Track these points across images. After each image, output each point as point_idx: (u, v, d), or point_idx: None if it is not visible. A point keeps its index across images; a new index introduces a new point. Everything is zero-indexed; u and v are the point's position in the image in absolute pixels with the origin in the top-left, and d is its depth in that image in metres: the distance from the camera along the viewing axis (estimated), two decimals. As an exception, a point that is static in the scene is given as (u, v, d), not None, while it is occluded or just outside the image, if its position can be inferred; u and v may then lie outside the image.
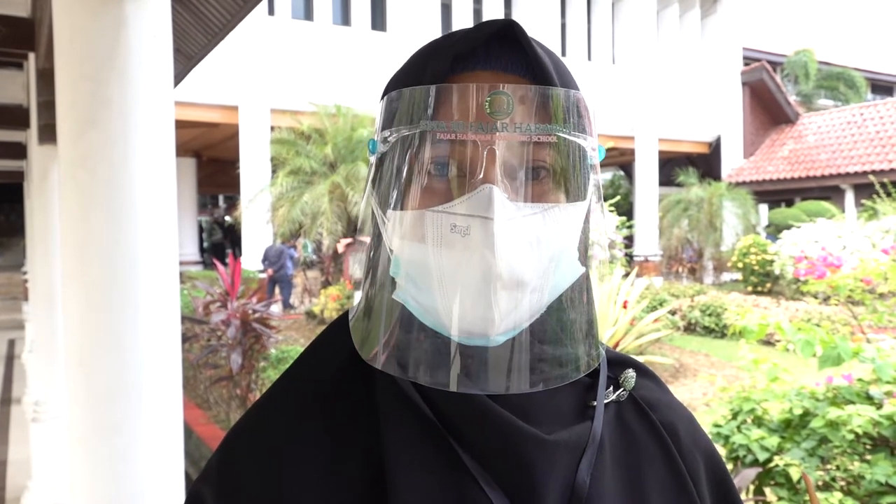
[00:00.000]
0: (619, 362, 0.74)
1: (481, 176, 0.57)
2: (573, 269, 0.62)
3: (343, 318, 0.70)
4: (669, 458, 0.70)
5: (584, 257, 0.64)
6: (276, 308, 8.99)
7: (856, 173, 17.75)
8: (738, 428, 2.95)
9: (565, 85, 0.63)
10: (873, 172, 16.87)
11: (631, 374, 0.72)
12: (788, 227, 15.13)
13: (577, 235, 0.62)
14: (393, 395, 0.63)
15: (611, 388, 0.71)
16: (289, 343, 6.98)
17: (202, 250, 21.49)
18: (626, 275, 8.64)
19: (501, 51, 0.62)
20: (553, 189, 0.60)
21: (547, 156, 0.59)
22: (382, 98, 0.65)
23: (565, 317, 0.62)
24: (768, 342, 7.85)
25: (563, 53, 18.53)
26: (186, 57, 3.34)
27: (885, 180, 15.38)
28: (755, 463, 2.75)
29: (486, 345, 0.58)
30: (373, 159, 0.64)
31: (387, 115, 0.62)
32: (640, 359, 7.27)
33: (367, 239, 0.67)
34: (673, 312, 10.92)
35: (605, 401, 0.69)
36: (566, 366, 0.61)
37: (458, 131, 0.57)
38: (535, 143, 0.58)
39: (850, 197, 18.25)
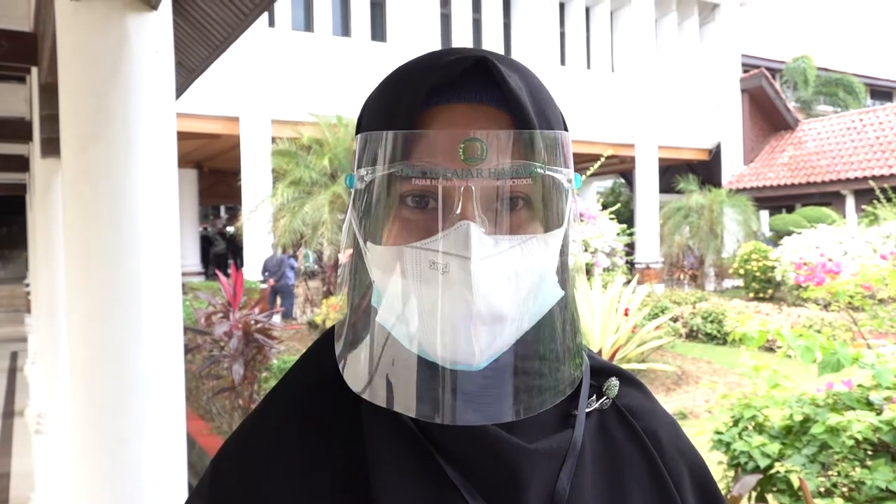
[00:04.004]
0: (602, 371, 0.74)
1: (458, 212, 0.58)
2: (552, 295, 0.63)
3: (328, 335, 0.71)
4: (652, 465, 0.70)
5: (564, 279, 0.65)
6: (277, 318, 9.00)
7: (856, 179, 17.76)
8: (740, 435, 2.96)
9: (542, 114, 0.63)
10: (873, 178, 16.88)
11: (614, 382, 0.73)
12: (789, 234, 15.13)
13: (555, 262, 0.63)
14: (376, 411, 0.64)
15: (594, 397, 0.71)
16: (291, 353, 6.99)
17: (205, 261, 21.52)
18: (628, 282, 8.64)
19: (476, 83, 0.62)
20: (530, 219, 0.61)
21: (523, 190, 0.60)
22: (358, 127, 0.66)
23: (547, 340, 0.63)
24: (770, 348, 7.84)
25: (563, 62, 18.61)
26: (188, 70, 3.37)
27: (886, 185, 15.39)
28: (756, 469, 2.75)
29: (469, 369, 0.59)
30: (353, 192, 0.65)
31: (362, 155, 0.62)
32: (642, 367, 7.29)
33: (347, 263, 0.68)
34: (675, 319, 10.91)
35: (588, 409, 0.70)
36: (550, 389, 0.61)
37: (431, 178, 0.58)
38: (511, 181, 0.59)
39: (850, 202, 18.25)
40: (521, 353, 0.61)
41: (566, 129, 0.67)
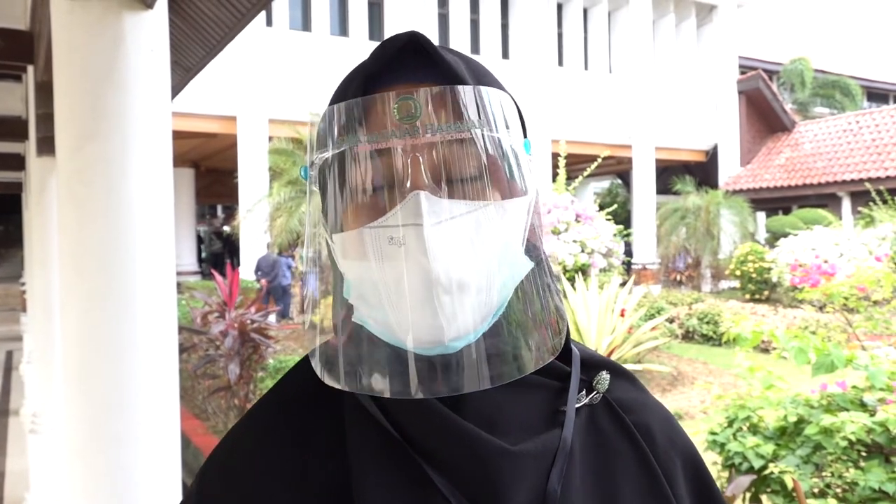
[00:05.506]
0: (593, 364, 0.73)
1: (409, 184, 0.58)
2: (520, 265, 0.62)
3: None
4: (644, 461, 0.69)
5: (533, 251, 0.64)
6: (272, 318, 8.99)
7: (852, 181, 17.81)
8: (734, 435, 2.96)
9: (481, 82, 0.63)
10: (869, 180, 16.93)
11: (605, 376, 0.71)
12: (785, 235, 15.17)
13: (520, 231, 0.62)
14: (358, 416, 0.64)
15: (583, 392, 0.70)
16: (287, 353, 6.98)
17: (200, 260, 21.48)
18: (624, 283, 8.65)
19: (412, 63, 0.63)
20: (484, 187, 0.60)
21: (470, 154, 0.59)
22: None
23: (520, 313, 0.62)
24: (765, 350, 7.86)
25: (560, 63, 18.63)
26: (184, 69, 3.37)
27: (882, 188, 15.45)
28: (750, 470, 2.76)
29: (443, 352, 0.58)
30: (307, 187, 0.65)
31: (311, 144, 0.63)
32: (638, 367, 7.30)
33: (313, 262, 0.68)
34: (671, 320, 10.92)
35: (577, 405, 0.68)
36: (523, 358, 0.61)
37: (371, 143, 0.58)
38: (455, 143, 0.59)
39: (846, 204, 18.30)
40: (493, 327, 0.60)
41: (519, 113, 0.66)
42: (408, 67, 0.63)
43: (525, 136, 0.66)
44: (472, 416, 0.61)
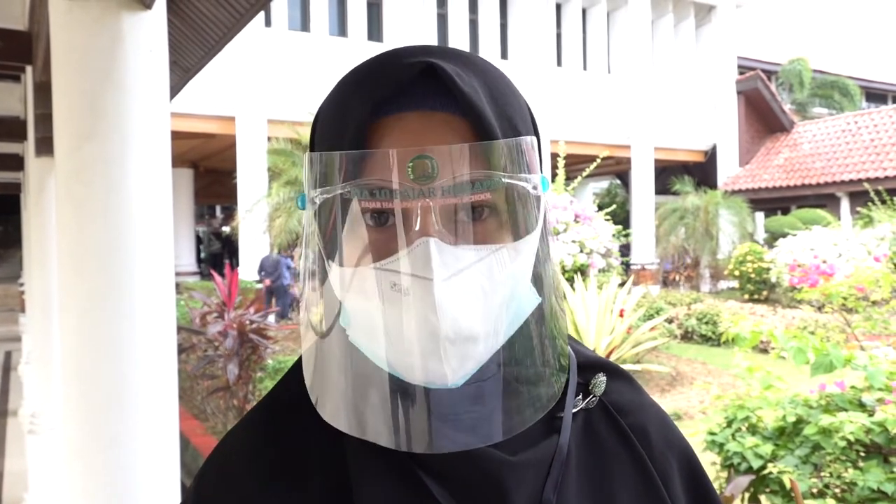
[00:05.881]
0: (588, 365, 0.72)
1: (417, 228, 0.54)
2: (527, 304, 0.60)
3: None
4: (640, 464, 0.69)
5: (540, 285, 0.62)
6: (271, 318, 8.99)
7: (851, 181, 17.82)
8: (733, 436, 2.97)
9: (503, 114, 0.59)
10: (868, 180, 16.94)
11: (601, 379, 0.70)
12: (784, 235, 15.18)
13: (529, 270, 0.60)
14: None
15: (580, 396, 0.69)
16: (286, 353, 6.98)
17: (199, 261, 21.47)
18: (623, 283, 8.66)
19: (427, 88, 0.58)
20: (496, 229, 0.58)
21: (486, 199, 0.56)
22: (312, 140, 0.63)
23: (525, 352, 0.60)
24: (764, 350, 7.87)
25: (559, 63, 18.63)
26: (183, 70, 3.37)
27: (880, 188, 15.46)
28: (749, 470, 2.76)
29: (444, 387, 0.56)
30: (306, 214, 0.61)
31: (312, 176, 0.58)
32: (637, 367, 7.30)
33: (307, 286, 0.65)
34: (670, 321, 10.93)
35: (574, 410, 0.67)
36: (531, 405, 0.60)
37: (382, 200, 0.55)
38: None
39: (845, 205, 18.32)
40: (498, 369, 0.58)
41: (534, 125, 0.64)
42: (423, 92, 0.58)
43: (541, 169, 0.62)
44: None
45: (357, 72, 0.62)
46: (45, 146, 4.46)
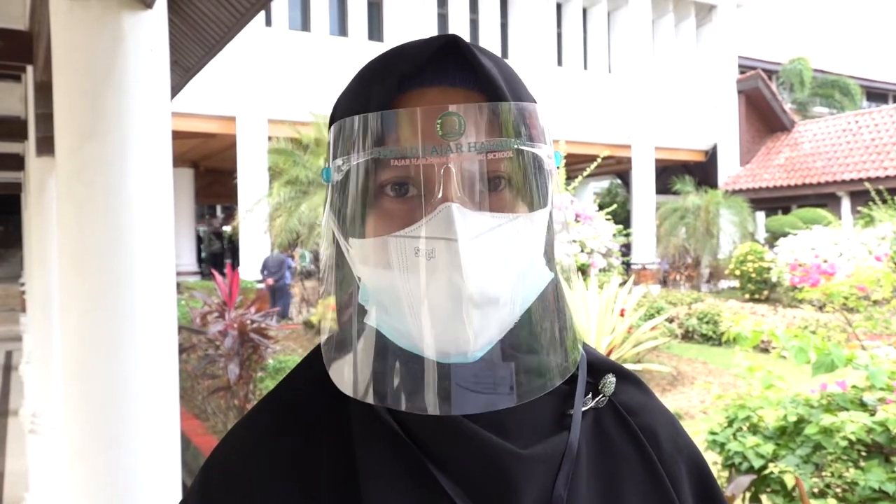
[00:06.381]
0: (599, 367, 0.73)
1: (440, 195, 0.56)
2: (542, 277, 0.62)
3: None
4: (649, 464, 0.69)
5: (552, 262, 0.64)
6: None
7: (851, 181, 17.81)
8: (734, 435, 2.96)
9: (516, 93, 0.62)
10: (869, 180, 16.93)
11: (611, 379, 0.71)
12: (785, 235, 15.18)
13: (542, 243, 0.62)
14: (366, 419, 0.63)
15: (589, 395, 0.70)
16: (286, 353, 6.98)
17: (200, 260, 21.48)
18: (624, 283, 8.65)
19: (448, 66, 0.61)
20: (514, 199, 0.60)
21: (504, 167, 0.59)
22: (331, 125, 0.64)
23: (540, 324, 0.62)
24: (764, 349, 7.87)
25: (560, 63, 18.63)
26: (184, 69, 3.36)
27: (881, 187, 15.45)
28: (750, 470, 2.76)
29: (464, 361, 0.57)
30: (329, 187, 0.63)
31: (337, 145, 0.61)
32: (638, 367, 7.30)
33: (330, 263, 0.67)
34: (670, 320, 10.92)
35: (584, 408, 0.68)
36: (546, 374, 0.60)
37: (411, 157, 0.56)
38: (489, 155, 0.58)
39: (846, 204, 18.31)
40: (515, 338, 0.60)
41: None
42: (444, 69, 0.61)
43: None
44: (481, 420, 0.60)
45: (378, 58, 0.65)
46: (46, 146, 4.46)
